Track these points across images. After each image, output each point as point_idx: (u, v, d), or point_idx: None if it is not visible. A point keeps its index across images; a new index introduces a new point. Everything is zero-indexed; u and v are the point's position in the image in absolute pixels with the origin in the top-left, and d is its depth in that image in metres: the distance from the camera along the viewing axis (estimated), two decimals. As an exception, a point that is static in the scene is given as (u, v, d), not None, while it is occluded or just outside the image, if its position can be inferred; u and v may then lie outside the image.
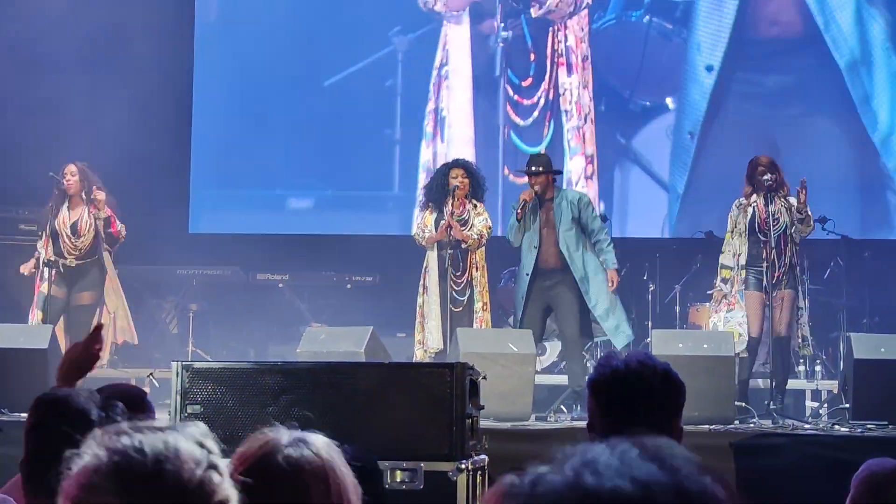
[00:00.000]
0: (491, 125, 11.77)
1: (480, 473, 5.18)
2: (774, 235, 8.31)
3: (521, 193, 8.81)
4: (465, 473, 4.94)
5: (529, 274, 8.65)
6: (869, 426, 7.57)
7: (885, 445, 6.63)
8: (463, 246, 8.68)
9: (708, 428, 7.36)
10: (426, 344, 8.65)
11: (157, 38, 11.60)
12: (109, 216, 8.88)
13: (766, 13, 11.53)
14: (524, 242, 8.69)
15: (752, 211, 8.44)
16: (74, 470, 1.39)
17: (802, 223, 8.38)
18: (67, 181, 8.88)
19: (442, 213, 8.74)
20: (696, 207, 11.33)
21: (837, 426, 7.77)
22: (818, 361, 9.63)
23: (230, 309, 11.13)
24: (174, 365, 5.22)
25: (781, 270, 8.30)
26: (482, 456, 5.28)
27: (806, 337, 8.51)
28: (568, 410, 8.46)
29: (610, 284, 8.64)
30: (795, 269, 8.42)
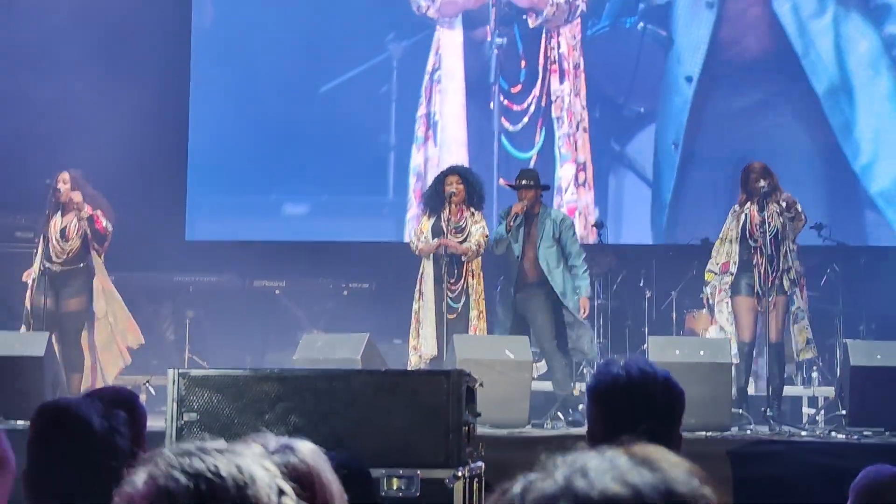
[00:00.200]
0: (483, 130, 11.78)
1: (477, 481, 5.17)
2: (765, 240, 8.31)
3: (513, 206, 8.81)
4: (461, 481, 4.94)
5: (509, 286, 8.67)
6: (865, 433, 7.58)
7: (881, 452, 6.63)
8: (463, 259, 8.64)
9: (705, 435, 7.36)
10: (421, 350, 8.62)
11: (153, 44, 11.61)
12: (92, 214, 8.86)
13: (740, 31, 11.55)
14: (507, 254, 8.70)
15: (744, 218, 8.45)
16: (138, 489, 1.33)
17: (793, 220, 8.37)
18: (59, 190, 8.89)
19: (439, 218, 8.69)
20: (683, 216, 11.35)
21: (834, 433, 7.78)
22: (814, 368, 9.64)
23: (227, 316, 11.11)
24: (170, 372, 5.20)
25: (774, 276, 8.29)
26: (479, 463, 5.27)
27: (810, 339, 8.49)
28: (564, 416, 8.45)
29: (582, 312, 8.66)
30: (790, 272, 8.39)
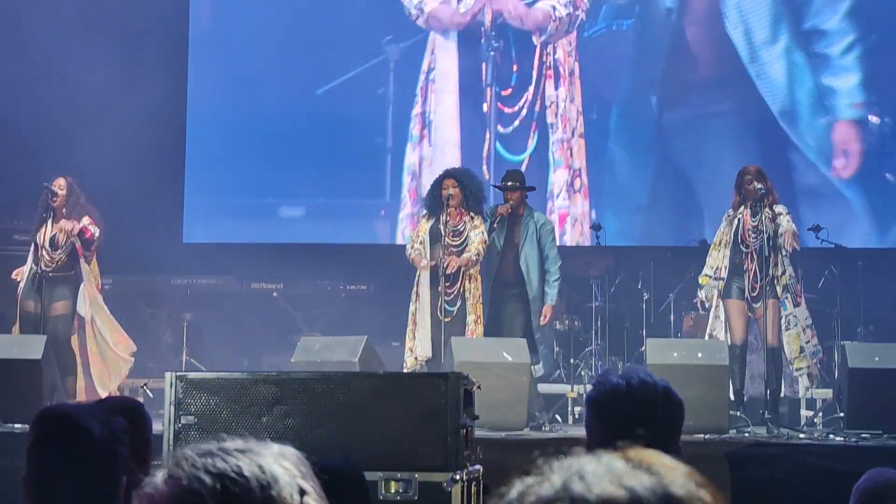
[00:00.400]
0: (476, 131, 11.78)
1: (475, 484, 5.16)
2: (757, 245, 8.30)
3: (498, 207, 8.81)
4: (459, 484, 4.93)
5: (487, 281, 8.70)
6: (863, 435, 7.57)
7: (879, 455, 6.64)
8: (463, 269, 8.54)
9: (703, 437, 7.35)
10: (416, 352, 8.59)
11: (151, 47, 11.62)
12: (81, 228, 8.84)
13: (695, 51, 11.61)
14: (489, 252, 8.70)
15: (737, 222, 8.44)
16: (159, 490, 1.31)
17: (779, 232, 8.31)
18: (55, 195, 8.86)
19: (438, 220, 8.64)
20: (659, 218, 11.40)
21: (832, 435, 7.78)
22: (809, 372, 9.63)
23: (224, 318, 11.11)
24: (168, 375, 5.19)
25: (765, 280, 8.26)
26: (477, 466, 5.26)
27: (804, 348, 8.47)
28: (562, 420, 8.45)
29: (542, 318, 8.66)
30: (783, 278, 8.36)
